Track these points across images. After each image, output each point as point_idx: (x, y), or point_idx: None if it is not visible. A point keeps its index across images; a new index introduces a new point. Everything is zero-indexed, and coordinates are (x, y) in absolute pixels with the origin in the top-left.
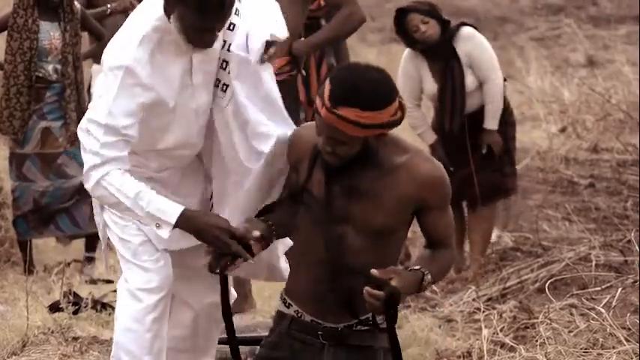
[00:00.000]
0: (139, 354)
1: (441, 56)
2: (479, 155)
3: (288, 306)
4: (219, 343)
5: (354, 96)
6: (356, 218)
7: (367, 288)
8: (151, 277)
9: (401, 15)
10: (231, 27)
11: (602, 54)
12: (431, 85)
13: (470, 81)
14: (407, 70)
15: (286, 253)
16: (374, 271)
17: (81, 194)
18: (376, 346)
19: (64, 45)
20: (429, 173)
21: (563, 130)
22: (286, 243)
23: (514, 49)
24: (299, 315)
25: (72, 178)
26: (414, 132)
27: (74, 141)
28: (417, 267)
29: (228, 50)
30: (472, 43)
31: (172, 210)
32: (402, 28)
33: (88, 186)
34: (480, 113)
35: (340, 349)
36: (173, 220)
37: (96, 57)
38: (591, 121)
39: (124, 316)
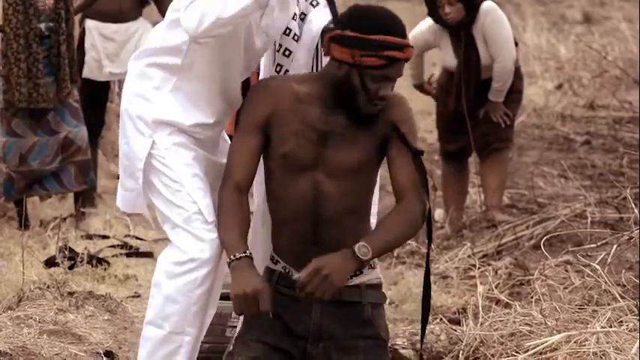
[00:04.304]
0: (181, 325)
1: (462, 37)
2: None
3: (276, 262)
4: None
5: (402, 23)
6: (330, 161)
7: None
8: (204, 248)
9: None
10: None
11: (598, 10)
12: (450, 58)
13: (485, 56)
14: (425, 36)
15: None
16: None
17: (65, 153)
18: (364, 301)
19: (56, 2)
20: (392, 98)
21: (559, 86)
22: None
23: (510, 5)
24: (286, 271)
25: (56, 134)
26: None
27: (65, 97)
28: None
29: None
30: (490, 17)
31: None
32: (432, 2)
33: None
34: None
35: (328, 305)
36: None
37: (87, 11)
38: (587, 77)
39: (169, 286)
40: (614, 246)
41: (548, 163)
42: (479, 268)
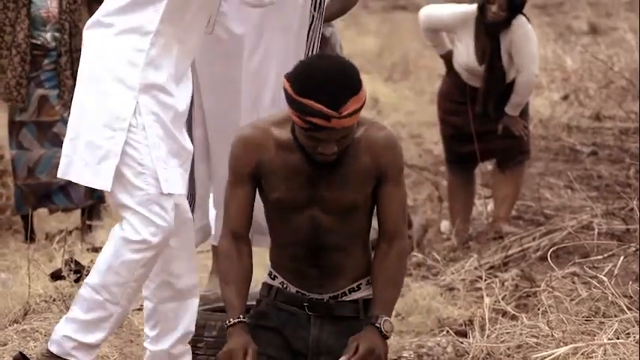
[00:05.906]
0: (118, 297)
1: (489, 41)
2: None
3: (274, 278)
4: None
5: (347, 86)
6: (324, 200)
7: None
8: (156, 232)
9: None
10: None
11: (604, 21)
12: (466, 58)
13: (504, 61)
14: (445, 22)
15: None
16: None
17: None
18: (362, 315)
19: (60, 12)
20: (383, 140)
21: (565, 97)
22: None
23: None
24: (284, 286)
25: None
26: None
27: (69, 109)
28: (372, 316)
29: None
30: (521, 31)
31: None
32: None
33: None
34: (508, 88)
35: (326, 321)
36: None
37: None
38: (594, 88)
39: (116, 258)
40: (621, 257)
41: (554, 175)
42: (485, 279)
